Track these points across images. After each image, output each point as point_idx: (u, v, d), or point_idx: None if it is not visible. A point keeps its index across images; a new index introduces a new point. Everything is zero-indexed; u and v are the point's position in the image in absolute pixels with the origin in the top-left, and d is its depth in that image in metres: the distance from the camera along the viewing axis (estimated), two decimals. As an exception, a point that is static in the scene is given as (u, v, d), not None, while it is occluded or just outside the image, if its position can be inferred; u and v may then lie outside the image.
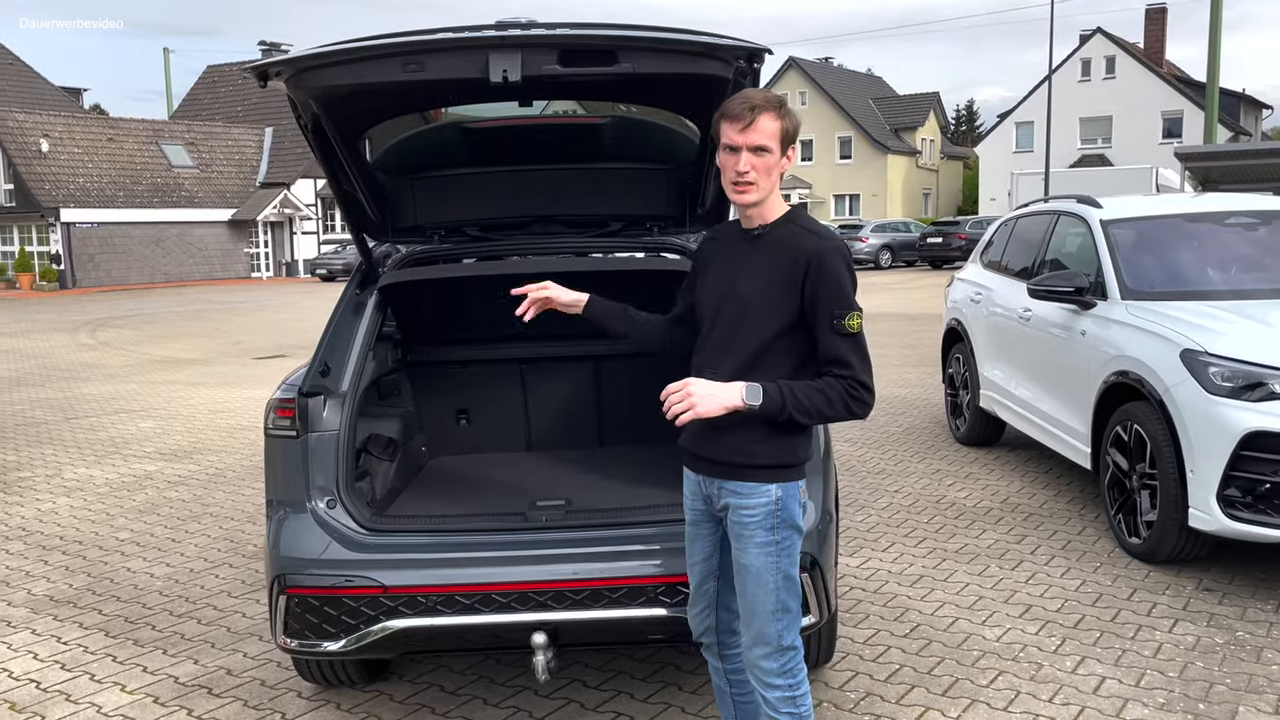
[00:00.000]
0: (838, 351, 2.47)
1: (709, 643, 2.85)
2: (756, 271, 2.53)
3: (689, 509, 2.75)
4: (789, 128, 2.48)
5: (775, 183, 2.52)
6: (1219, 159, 19.25)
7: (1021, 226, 7.28)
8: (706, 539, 2.74)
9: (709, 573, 2.76)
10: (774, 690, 2.60)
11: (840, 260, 2.48)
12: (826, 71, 60.94)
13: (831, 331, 2.46)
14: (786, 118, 2.47)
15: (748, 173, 2.45)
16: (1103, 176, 32.13)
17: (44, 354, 15.87)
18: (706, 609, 2.80)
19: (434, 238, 4.09)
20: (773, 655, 2.59)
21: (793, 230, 2.53)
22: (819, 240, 2.49)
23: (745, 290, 2.53)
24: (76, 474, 7.48)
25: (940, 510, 5.86)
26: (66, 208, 34.62)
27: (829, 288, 2.46)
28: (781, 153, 2.48)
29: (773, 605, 2.56)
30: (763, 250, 2.54)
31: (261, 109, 42.73)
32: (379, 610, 3.04)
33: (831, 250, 2.47)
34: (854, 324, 2.47)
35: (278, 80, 2.99)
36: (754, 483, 2.55)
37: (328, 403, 3.37)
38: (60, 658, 4.17)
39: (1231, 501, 4.35)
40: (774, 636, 2.58)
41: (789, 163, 2.52)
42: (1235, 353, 4.47)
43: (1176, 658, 3.86)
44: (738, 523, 2.58)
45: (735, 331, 2.54)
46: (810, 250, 2.47)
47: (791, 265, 2.47)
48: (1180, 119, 47.98)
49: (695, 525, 2.75)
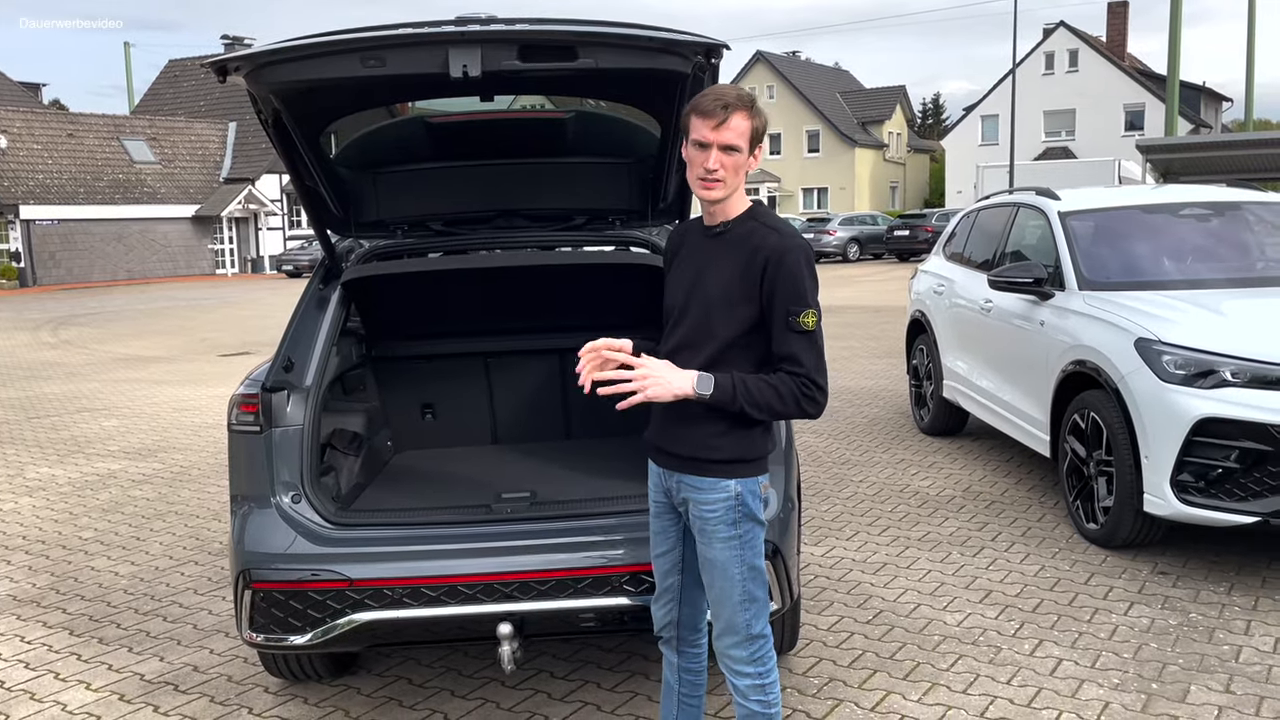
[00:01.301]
0: (791, 349, 2.46)
1: (669, 637, 2.86)
2: (718, 269, 2.53)
3: (653, 500, 2.78)
4: (759, 127, 2.49)
5: (741, 180, 2.53)
6: (1180, 151, 19.51)
7: (983, 218, 7.38)
8: (670, 531, 2.76)
9: (673, 566, 2.78)
10: (744, 678, 2.64)
11: (800, 258, 2.47)
12: (794, 65, 61.20)
13: (786, 329, 2.45)
14: (758, 117, 2.47)
15: (716, 170, 2.45)
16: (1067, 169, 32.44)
17: (4, 353, 15.65)
18: (670, 604, 2.82)
19: (397, 232, 4.10)
20: (742, 644, 2.62)
21: (753, 227, 2.52)
22: (780, 238, 2.48)
23: (708, 287, 2.53)
24: (39, 473, 7.40)
25: (904, 499, 5.94)
26: (26, 205, 34.13)
27: (786, 284, 2.44)
28: (750, 152, 2.48)
29: (739, 596, 2.59)
30: (724, 247, 2.54)
31: (225, 104, 42.31)
32: (345, 603, 3.05)
33: (792, 248, 2.46)
34: (808, 322, 2.45)
35: (237, 75, 2.99)
36: (713, 478, 2.56)
37: (291, 398, 3.37)
38: (24, 657, 4.15)
39: (1185, 486, 4.45)
40: (742, 626, 2.61)
41: (756, 161, 2.52)
42: (1188, 341, 4.57)
43: (1131, 639, 3.94)
44: (699, 517, 2.60)
45: (698, 327, 2.55)
46: (771, 247, 2.46)
47: (750, 262, 2.47)
48: (1142, 112, 48.62)
49: (659, 517, 2.77)
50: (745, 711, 2.65)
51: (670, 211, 4.09)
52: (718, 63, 2.98)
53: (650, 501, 2.78)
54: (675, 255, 2.71)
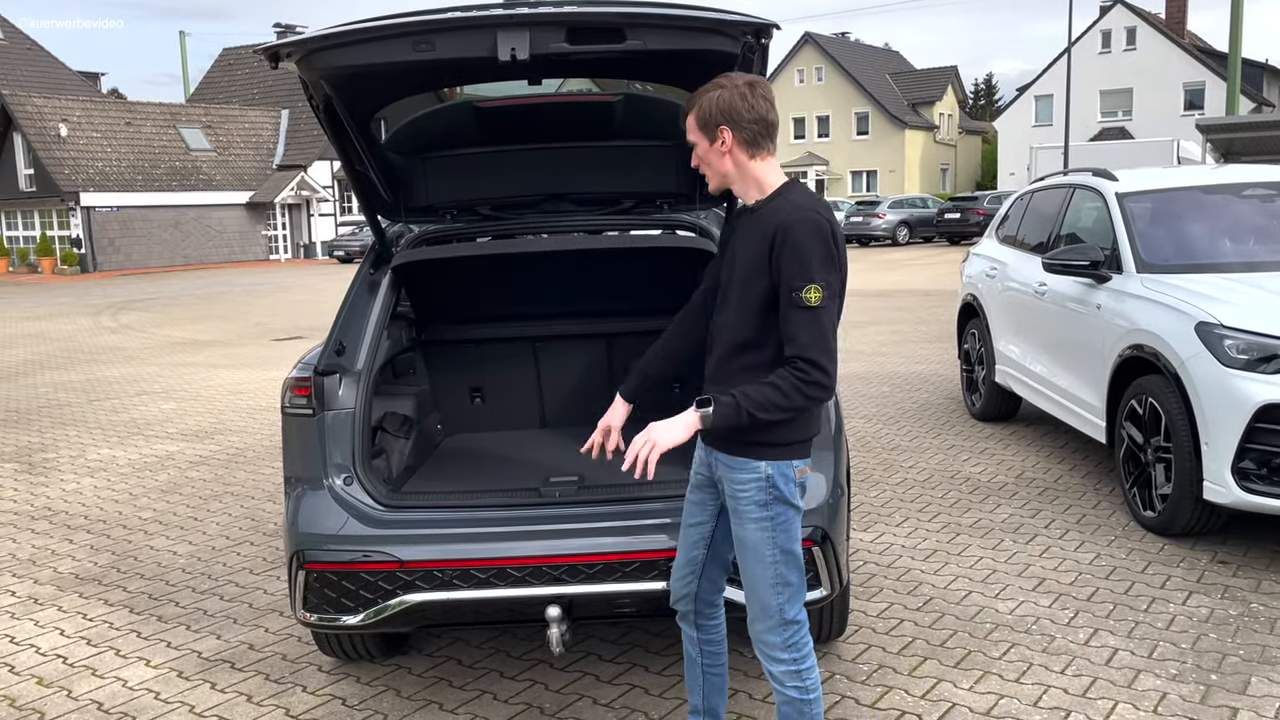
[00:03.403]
0: (790, 326, 2.40)
1: (685, 610, 2.87)
2: (743, 249, 2.54)
3: (694, 472, 2.79)
4: (702, 113, 2.50)
5: (726, 166, 2.53)
6: (1241, 130, 19.03)
7: (1037, 200, 7.24)
8: (707, 504, 2.77)
9: (701, 539, 2.80)
10: (779, 664, 2.60)
11: (809, 229, 2.40)
12: (843, 46, 60.47)
13: (790, 304, 2.39)
14: (696, 107, 2.51)
15: (697, 166, 2.58)
16: (1123, 150, 31.80)
17: (66, 337, 16.04)
18: (690, 575, 2.83)
19: (447, 217, 4.12)
20: (776, 629, 2.58)
21: (774, 206, 2.50)
22: (792, 210, 2.43)
23: (737, 267, 2.55)
24: (100, 455, 7.58)
25: (955, 485, 5.87)
26: (86, 192, 34.87)
27: (791, 257, 2.38)
28: (710, 138, 2.51)
29: (771, 579, 2.55)
30: (748, 227, 2.55)
31: (277, 91, 42.82)
32: (396, 585, 3.09)
33: (800, 220, 2.40)
34: (811, 297, 2.37)
35: (289, 62, 3.01)
36: (743, 458, 2.54)
37: (343, 381, 3.41)
38: (86, 634, 4.25)
39: (1246, 474, 4.35)
40: (775, 610, 2.57)
41: (728, 142, 2.49)
42: (1251, 325, 4.45)
43: (1190, 629, 3.87)
44: (731, 496, 2.60)
45: (732, 307, 2.56)
46: (781, 221, 2.42)
47: (764, 239, 2.45)
48: (1202, 90, 47.38)
49: (698, 489, 2.78)
50: (784, 698, 2.63)
51: (718, 195, 4.06)
52: (767, 43, 2.95)
53: (693, 473, 2.79)
54: (726, 237, 2.74)
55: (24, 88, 38.80)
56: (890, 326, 13.22)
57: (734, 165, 2.53)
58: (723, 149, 2.51)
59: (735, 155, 2.52)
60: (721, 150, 2.51)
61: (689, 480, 2.81)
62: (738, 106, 2.47)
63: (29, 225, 37.49)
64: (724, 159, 2.52)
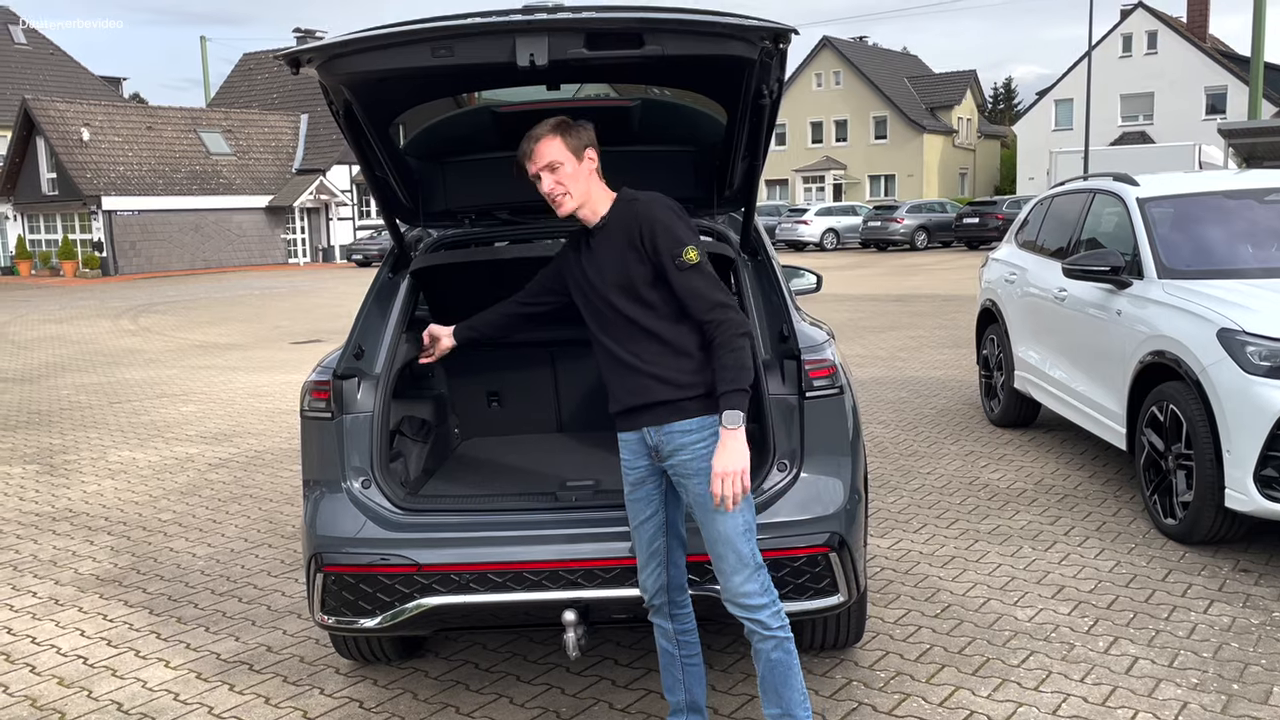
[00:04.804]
0: (689, 286, 2.70)
1: (659, 604, 2.97)
2: (606, 259, 2.78)
3: (629, 471, 2.90)
4: (572, 139, 2.76)
5: (589, 184, 2.80)
6: (1264, 135, 18.82)
7: (1057, 205, 7.21)
8: (653, 497, 2.90)
9: (657, 529, 2.91)
10: (763, 610, 2.76)
11: (661, 206, 2.74)
12: (861, 50, 60.32)
13: (677, 270, 2.70)
14: (565, 132, 2.77)
15: (552, 191, 2.78)
16: (1144, 154, 31.53)
17: (88, 340, 16.17)
18: (658, 567, 2.93)
19: (465, 221, 4.13)
20: (753, 576, 2.76)
21: (620, 209, 2.80)
22: (640, 203, 2.77)
23: (606, 277, 2.78)
24: (120, 457, 7.64)
25: (973, 492, 5.84)
26: (108, 195, 35.18)
27: (663, 233, 2.70)
28: (579, 158, 2.77)
29: (742, 526, 2.74)
30: (606, 239, 2.80)
31: (297, 96, 43.08)
32: (413, 588, 3.10)
33: (653, 202, 2.75)
34: (691, 256, 2.70)
35: (309, 67, 3.03)
36: (696, 417, 2.74)
37: (362, 385, 3.42)
38: (106, 635, 4.28)
39: (1269, 482, 4.31)
40: (749, 555, 2.75)
41: (592, 161, 2.80)
42: (1273, 331, 4.41)
43: (1211, 638, 3.83)
44: (685, 465, 2.75)
45: (618, 313, 2.79)
46: (638, 212, 2.74)
47: (628, 235, 2.74)
48: (1224, 94, 47.04)
49: (637, 486, 2.90)
50: (772, 644, 2.78)
51: (736, 199, 4.05)
52: (785, 48, 2.95)
53: (625, 475, 2.91)
54: (568, 257, 2.96)
55: (46, 92, 39.21)
56: (908, 331, 13.18)
57: (596, 184, 2.82)
58: (590, 167, 2.80)
59: (595, 175, 2.82)
60: (589, 169, 2.80)
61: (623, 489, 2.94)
62: (592, 133, 2.83)
63: (51, 229, 37.84)
64: (587, 178, 2.80)
